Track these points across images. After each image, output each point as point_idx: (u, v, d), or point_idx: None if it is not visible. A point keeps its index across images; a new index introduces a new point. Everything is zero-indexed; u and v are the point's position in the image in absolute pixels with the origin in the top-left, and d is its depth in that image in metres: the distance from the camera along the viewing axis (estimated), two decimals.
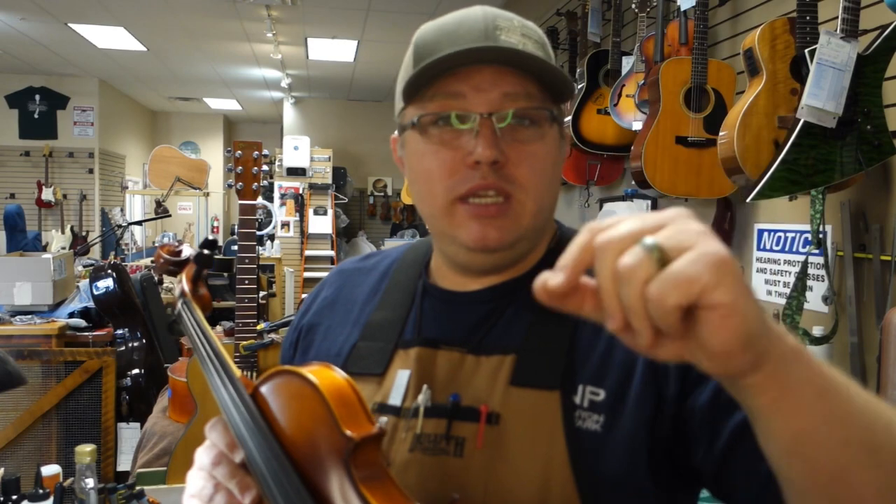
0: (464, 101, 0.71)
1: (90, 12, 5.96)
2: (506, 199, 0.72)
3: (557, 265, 0.46)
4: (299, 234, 8.68)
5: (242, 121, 12.80)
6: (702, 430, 0.67)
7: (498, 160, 0.70)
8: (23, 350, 3.21)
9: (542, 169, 0.73)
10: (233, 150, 2.26)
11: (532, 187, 0.72)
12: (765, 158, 1.77)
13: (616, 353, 0.72)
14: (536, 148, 0.72)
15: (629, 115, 2.67)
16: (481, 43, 0.69)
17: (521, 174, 0.72)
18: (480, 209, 0.72)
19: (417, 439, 0.73)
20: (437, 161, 0.73)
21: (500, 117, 0.70)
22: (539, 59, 0.70)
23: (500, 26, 0.71)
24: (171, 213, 8.19)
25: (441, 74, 0.71)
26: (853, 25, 1.61)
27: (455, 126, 0.71)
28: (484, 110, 0.70)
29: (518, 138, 0.71)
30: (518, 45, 0.70)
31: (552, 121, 0.73)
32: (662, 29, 2.46)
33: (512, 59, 0.70)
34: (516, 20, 0.74)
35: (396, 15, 5.81)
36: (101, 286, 3.54)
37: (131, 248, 8.17)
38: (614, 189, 3.26)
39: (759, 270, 2.22)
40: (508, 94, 0.70)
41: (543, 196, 0.74)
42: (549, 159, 0.74)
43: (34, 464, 2.51)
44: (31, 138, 8.70)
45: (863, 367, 1.79)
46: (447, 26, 0.74)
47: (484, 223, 0.72)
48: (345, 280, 0.93)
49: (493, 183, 0.71)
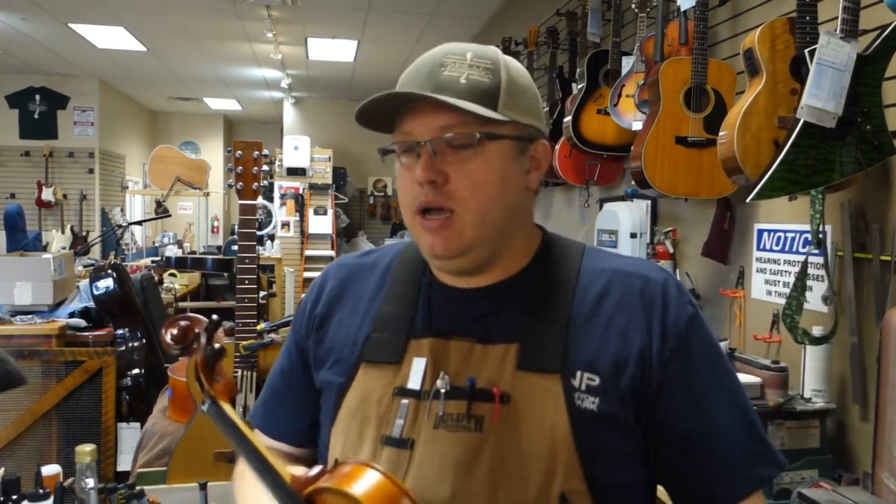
0: (412, 134, 0.86)
1: (90, 12, 5.96)
2: (450, 214, 0.85)
3: None
4: (299, 234, 8.68)
5: (242, 121, 12.79)
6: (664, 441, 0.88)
7: (435, 179, 0.84)
8: (23, 350, 3.21)
9: (483, 183, 0.85)
10: (233, 150, 2.26)
11: (472, 202, 0.85)
12: (765, 158, 1.76)
13: (608, 350, 0.86)
14: (475, 165, 0.85)
15: (629, 115, 2.67)
16: (423, 83, 0.85)
17: (460, 190, 0.85)
18: (427, 223, 0.86)
19: (441, 418, 0.85)
20: (403, 181, 0.89)
21: (435, 143, 0.84)
22: (445, 101, 0.82)
23: (445, 63, 0.86)
24: (171, 213, 8.19)
25: (397, 112, 0.88)
26: (853, 25, 1.61)
27: (409, 153, 0.87)
28: (424, 138, 0.85)
29: (457, 159, 0.85)
30: (460, 76, 0.84)
31: (491, 139, 0.85)
32: (662, 29, 2.46)
33: (435, 100, 0.83)
34: (469, 53, 0.87)
35: (396, 15, 5.81)
36: (101, 286, 3.54)
37: (131, 248, 8.17)
38: (614, 189, 3.27)
39: (759, 270, 2.22)
40: (444, 125, 0.84)
41: (487, 208, 0.86)
42: (491, 174, 0.85)
43: (34, 464, 2.51)
44: (32, 138, 8.70)
45: (863, 367, 1.79)
46: (414, 65, 0.89)
47: (432, 234, 0.87)
48: (348, 274, 1.02)
49: (433, 199, 0.85)
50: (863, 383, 1.79)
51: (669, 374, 0.86)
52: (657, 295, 0.89)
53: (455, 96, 0.83)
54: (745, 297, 2.29)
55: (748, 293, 2.28)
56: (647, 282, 0.90)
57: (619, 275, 0.91)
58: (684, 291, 0.92)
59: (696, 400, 0.87)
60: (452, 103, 0.82)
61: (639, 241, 2.85)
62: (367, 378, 0.91)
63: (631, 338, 0.86)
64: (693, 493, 0.89)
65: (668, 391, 0.86)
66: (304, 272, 8.27)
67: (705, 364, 0.88)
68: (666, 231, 2.75)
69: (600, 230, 3.03)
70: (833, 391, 1.85)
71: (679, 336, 0.87)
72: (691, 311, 0.89)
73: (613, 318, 0.87)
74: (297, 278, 7.68)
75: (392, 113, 0.89)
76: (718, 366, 0.90)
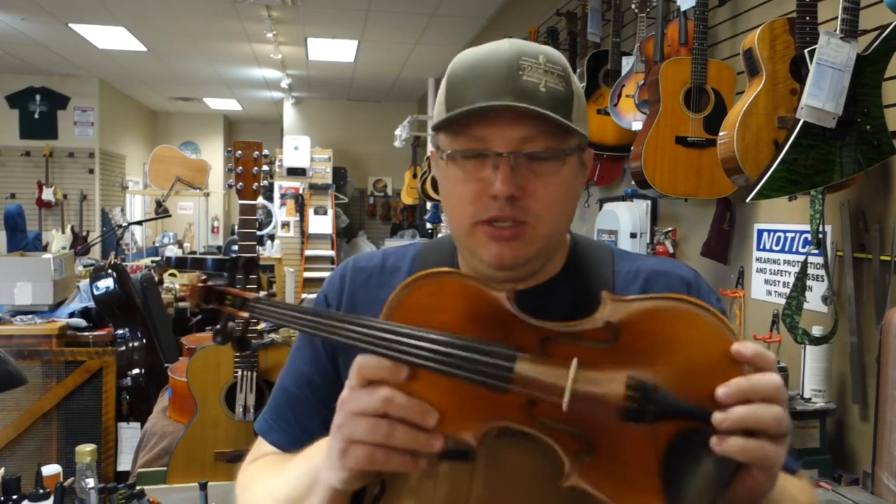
0: (486, 142, 0.79)
1: (90, 12, 5.96)
2: (520, 224, 0.81)
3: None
4: (299, 234, 8.69)
5: (242, 121, 12.80)
6: None
7: (514, 195, 0.79)
8: (23, 350, 3.21)
9: (557, 198, 0.82)
10: (233, 150, 2.26)
11: (546, 215, 0.81)
12: (764, 158, 1.77)
13: None
14: (553, 180, 0.81)
15: (629, 115, 2.67)
16: (503, 86, 0.78)
17: (536, 205, 0.80)
18: (497, 231, 0.81)
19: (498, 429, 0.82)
20: (464, 189, 0.82)
21: (516, 157, 0.79)
22: (544, 113, 0.77)
23: (522, 66, 0.79)
24: (172, 213, 8.20)
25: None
26: (853, 25, 1.61)
27: (478, 160, 0.81)
28: (503, 150, 0.79)
29: (536, 171, 0.80)
30: (539, 83, 0.78)
31: (568, 154, 0.81)
32: (662, 29, 2.46)
33: (526, 110, 0.77)
34: (542, 56, 0.81)
35: (396, 15, 5.81)
36: (101, 286, 3.54)
37: (131, 248, 8.18)
38: (614, 189, 3.27)
39: (759, 270, 2.22)
40: (526, 136, 0.79)
41: (556, 221, 0.83)
42: (564, 188, 0.82)
43: (34, 463, 2.51)
44: (32, 138, 8.71)
45: (862, 367, 1.79)
46: (478, 62, 0.81)
47: (500, 244, 0.81)
48: (369, 279, 0.97)
49: (509, 214, 0.80)
50: (863, 383, 1.79)
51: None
52: (694, 291, 0.90)
53: (538, 105, 0.77)
54: (745, 297, 2.29)
55: (748, 293, 2.28)
56: (683, 280, 0.91)
57: (657, 274, 0.91)
58: (711, 287, 0.95)
59: None
60: (550, 116, 0.77)
61: (639, 241, 2.86)
62: None
63: None
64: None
65: None
66: (304, 272, 8.27)
67: None
68: (666, 231, 2.75)
69: (600, 230, 3.03)
70: (833, 391, 1.85)
71: None
72: (722, 307, 0.91)
73: None
74: (297, 278, 7.69)
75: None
76: None
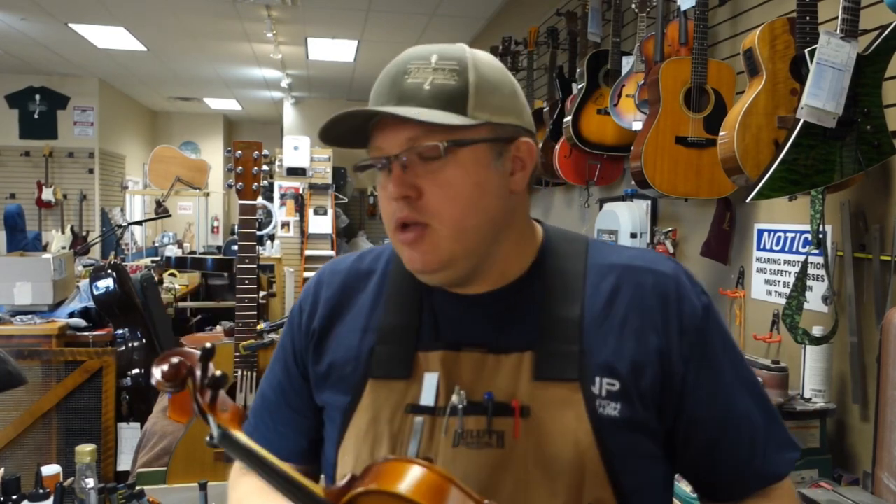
0: (383, 149, 0.82)
1: (90, 12, 5.95)
2: (425, 227, 0.81)
3: None
4: (299, 234, 8.68)
5: (242, 121, 12.79)
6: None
7: (407, 195, 0.80)
8: (23, 350, 3.21)
9: (458, 193, 0.80)
10: (233, 150, 2.26)
11: (446, 214, 0.80)
12: (765, 158, 1.76)
13: (626, 352, 0.83)
14: (447, 175, 0.80)
15: (629, 115, 2.67)
16: (387, 93, 0.81)
17: (433, 203, 0.80)
18: (404, 236, 0.82)
19: (460, 436, 0.81)
20: (381, 196, 0.85)
21: (400, 158, 0.80)
22: (409, 118, 0.77)
23: (409, 70, 0.81)
24: (171, 213, 8.20)
25: (367, 126, 0.83)
26: (853, 25, 1.61)
27: (383, 169, 0.83)
28: (394, 153, 0.80)
29: (429, 169, 0.80)
30: (424, 82, 0.79)
31: (464, 146, 0.80)
32: (662, 29, 2.46)
33: (399, 115, 0.78)
34: (434, 55, 0.82)
35: (396, 15, 5.81)
36: (101, 286, 3.54)
37: (131, 248, 8.18)
38: (614, 189, 3.26)
39: (759, 270, 2.22)
40: (412, 136, 0.79)
41: (463, 219, 0.81)
42: (465, 182, 0.80)
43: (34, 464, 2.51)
44: (32, 138, 8.70)
45: (862, 367, 1.79)
46: (382, 74, 0.85)
47: (410, 249, 0.83)
48: (343, 282, 0.96)
49: (409, 215, 0.81)
50: (863, 383, 1.79)
51: (692, 370, 0.85)
52: (670, 290, 0.86)
53: (419, 105, 0.79)
54: (745, 297, 2.29)
55: (748, 293, 2.28)
56: (658, 276, 0.87)
57: (629, 270, 0.88)
58: (696, 281, 0.90)
59: (721, 390, 0.86)
60: (404, 115, 0.77)
61: (639, 242, 2.86)
62: (376, 395, 0.86)
63: (648, 338, 0.83)
64: (721, 481, 0.89)
65: (692, 387, 0.85)
66: (304, 272, 8.27)
67: (723, 353, 0.88)
68: (666, 231, 2.75)
69: (600, 230, 3.03)
70: (833, 391, 1.85)
71: (697, 329, 0.85)
72: (706, 301, 0.88)
73: (628, 318, 0.84)
74: (297, 278, 7.68)
75: (363, 127, 0.84)
76: (735, 352, 0.89)
